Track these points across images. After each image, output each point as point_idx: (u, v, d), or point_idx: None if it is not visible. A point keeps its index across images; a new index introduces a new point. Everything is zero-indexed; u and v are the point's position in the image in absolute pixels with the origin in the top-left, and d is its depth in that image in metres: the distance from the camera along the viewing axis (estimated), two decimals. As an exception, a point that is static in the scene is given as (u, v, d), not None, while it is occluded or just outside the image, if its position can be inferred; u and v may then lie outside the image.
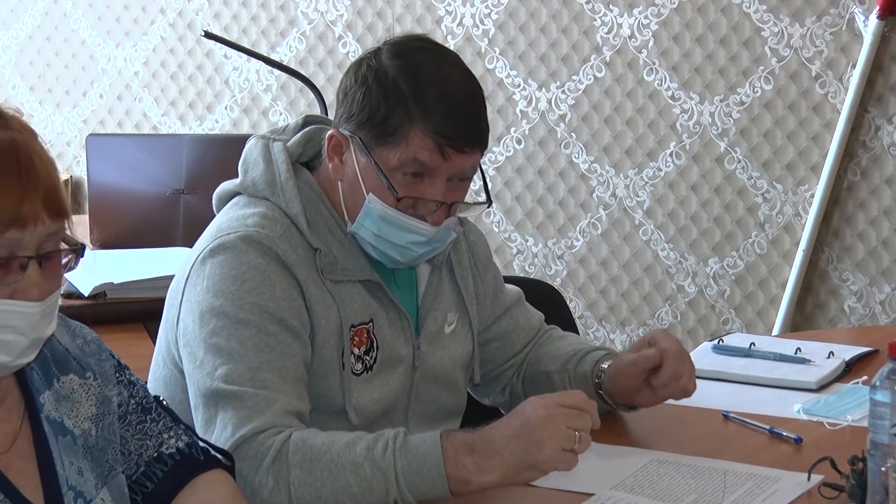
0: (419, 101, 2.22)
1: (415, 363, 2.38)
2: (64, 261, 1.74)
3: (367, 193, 2.26)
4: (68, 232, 1.75)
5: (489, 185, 2.46)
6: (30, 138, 1.73)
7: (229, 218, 2.30)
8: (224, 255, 2.23)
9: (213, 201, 2.41)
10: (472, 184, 2.35)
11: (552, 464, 2.05)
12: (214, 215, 2.38)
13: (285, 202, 2.29)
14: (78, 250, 1.76)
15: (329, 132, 2.30)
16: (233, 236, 2.24)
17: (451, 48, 4.68)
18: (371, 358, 2.32)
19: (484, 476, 2.06)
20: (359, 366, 2.30)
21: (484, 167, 4.69)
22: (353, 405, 2.28)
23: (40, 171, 1.70)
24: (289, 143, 2.36)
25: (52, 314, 1.74)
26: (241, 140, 2.47)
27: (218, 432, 2.11)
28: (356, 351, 2.29)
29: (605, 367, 2.44)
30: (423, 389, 2.40)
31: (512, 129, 4.68)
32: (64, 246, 1.75)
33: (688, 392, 2.39)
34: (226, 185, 2.40)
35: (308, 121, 2.41)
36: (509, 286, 2.61)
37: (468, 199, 2.32)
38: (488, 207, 2.38)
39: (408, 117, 2.21)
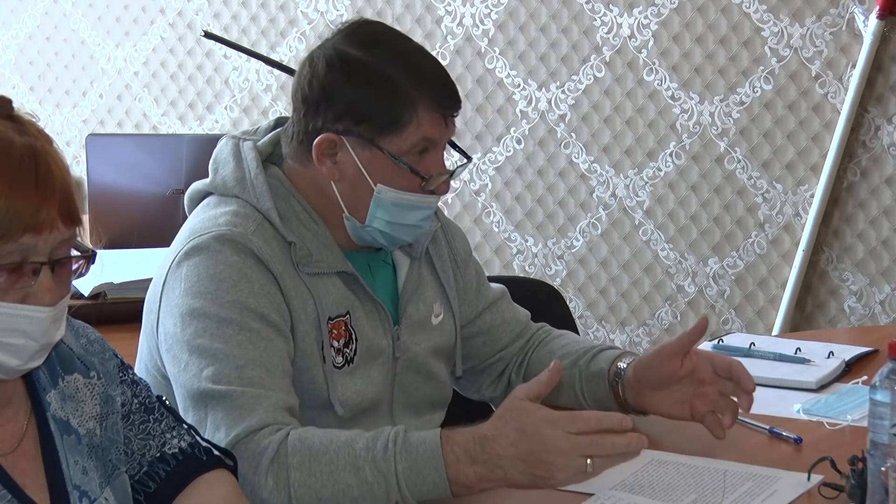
0: (414, 81, 2.24)
1: (395, 354, 2.37)
2: (74, 267, 1.74)
3: (376, 185, 2.26)
4: (79, 238, 1.75)
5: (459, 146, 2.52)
6: (46, 144, 1.73)
7: (201, 219, 2.30)
8: (199, 256, 2.22)
9: (185, 202, 2.40)
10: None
11: (562, 485, 2.04)
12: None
13: (256, 198, 2.29)
14: (89, 257, 1.76)
15: (315, 140, 2.29)
16: (206, 237, 2.24)
17: (451, 48, 4.71)
18: (351, 350, 2.31)
19: (487, 484, 2.05)
20: (339, 359, 2.30)
21: (484, 167, 4.74)
22: (339, 398, 2.27)
23: (57, 177, 1.70)
24: (259, 143, 2.36)
25: (61, 319, 1.74)
26: (240, 140, 2.47)
27: (210, 434, 2.10)
28: (335, 344, 2.29)
29: (624, 365, 2.43)
30: (407, 381, 2.40)
31: (512, 129, 4.68)
32: (75, 252, 1.75)
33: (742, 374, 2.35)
34: (196, 185, 2.40)
35: (280, 122, 2.42)
36: (494, 284, 2.61)
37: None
38: (469, 161, 2.43)
39: (409, 99, 2.24)
